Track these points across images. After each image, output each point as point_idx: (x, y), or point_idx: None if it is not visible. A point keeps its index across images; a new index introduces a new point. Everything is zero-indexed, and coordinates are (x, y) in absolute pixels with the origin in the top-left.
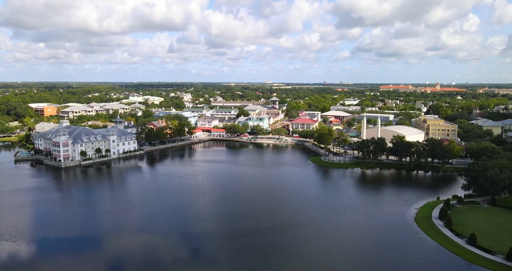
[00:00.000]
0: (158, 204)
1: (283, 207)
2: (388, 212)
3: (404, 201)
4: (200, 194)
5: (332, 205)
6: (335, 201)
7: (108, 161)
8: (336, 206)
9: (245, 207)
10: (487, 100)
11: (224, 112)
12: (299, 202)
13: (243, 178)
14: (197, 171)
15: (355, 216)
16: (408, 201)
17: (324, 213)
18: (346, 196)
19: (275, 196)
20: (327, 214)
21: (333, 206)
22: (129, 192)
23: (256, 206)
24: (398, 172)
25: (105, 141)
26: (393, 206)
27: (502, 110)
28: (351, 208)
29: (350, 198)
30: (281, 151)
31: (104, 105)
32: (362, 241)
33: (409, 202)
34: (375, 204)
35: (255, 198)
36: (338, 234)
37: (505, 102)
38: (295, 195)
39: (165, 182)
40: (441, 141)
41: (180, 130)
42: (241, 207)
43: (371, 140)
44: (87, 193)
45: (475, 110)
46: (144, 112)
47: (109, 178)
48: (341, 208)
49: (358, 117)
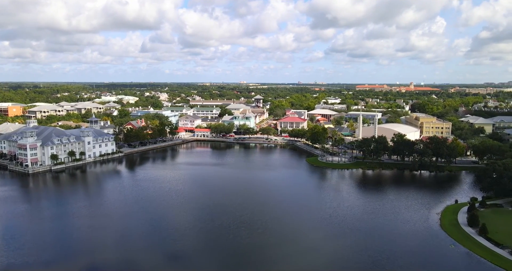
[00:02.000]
0: (139, 217)
1: (286, 217)
2: (408, 218)
3: (421, 204)
4: (186, 203)
5: (345, 211)
6: (347, 206)
7: (83, 165)
8: (351, 212)
9: (239, 217)
10: (465, 99)
11: (205, 112)
12: (304, 209)
13: (235, 183)
14: (182, 175)
15: (375, 223)
16: (426, 205)
17: (339, 221)
18: (358, 200)
19: (273, 204)
20: (343, 222)
21: (347, 213)
22: (107, 203)
23: (252, 216)
24: (401, 173)
25: (79, 142)
26: (412, 211)
27: (483, 108)
28: (368, 214)
29: (364, 203)
30: (272, 151)
31: (76, 105)
32: (393, 254)
33: (426, 206)
34: (392, 209)
35: (251, 206)
36: (365, 244)
37: (481, 101)
38: (298, 200)
39: (147, 189)
40: (445, 139)
41: (162, 130)
42: (234, 217)
43: (372, 138)
44: (59, 204)
45: (461, 108)
46: (120, 112)
47: (85, 185)
48: (357, 214)
49: (346, 116)
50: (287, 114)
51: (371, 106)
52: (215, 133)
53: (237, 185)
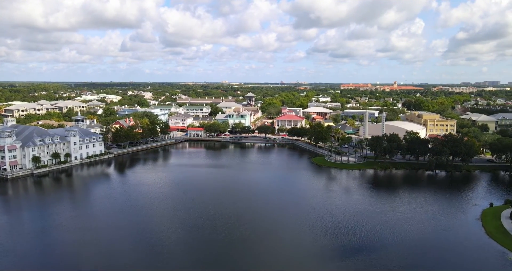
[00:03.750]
0: (130, 230)
1: (318, 228)
2: (448, 225)
3: (455, 208)
4: (182, 213)
5: (379, 217)
6: (378, 212)
7: (68, 168)
8: (385, 221)
9: (250, 232)
10: (455, 97)
11: (195, 110)
12: (329, 216)
13: (239, 187)
14: (177, 179)
15: (415, 233)
16: (459, 209)
17: (380, 229)
18: (386, 204)
19: (292, 213)
20: (382, 228)
21: (382, 219)
22: (96, 212)
23: (268, 226)
24: (416, 173)
25: (64, 143)
26: (448, 217)
27: (473, 105)
28: (402, 219)
29: (393, 208)
30: (272, 151)
31: (56, 103)
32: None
33: (460, 210)
34: (425, 214)
35: (262, 216)
36: (417, 259)
37: (469, 99)
38: (320, 206)
39: (139, 195)
40: (462, 137)
41: (153, 129)
42: (241, 232)
43: (384, 137)
44: (43, 215)
45: (457, 105)
46: (105, 110)
47: (71, 192)
48: (391, 222)
49: (342, 114)
50: (283, 113)
51: (365, 104)
52: (209, 133)
53: (242, 190)
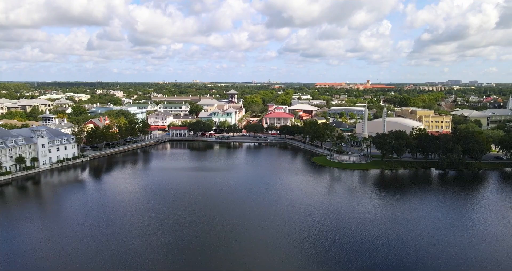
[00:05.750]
0: (110, 255)
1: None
2: (494, 231)
3: (491, 212)
4: (172, 232)
5: (419, 225)
6: (413, 217)
7: (36, 175)
8: (425, 225)
9: (251, 258)
10: (432, 94)
11: (174, 108)
12: (368, 230)
13: (238, 195)
14: (162, 186)
15: (463, 239)
16: (497, 213)
17: (425, 239)
18: (419, 209)
19: (314, 225)
20: (427, 238)
21: (421, 227)
22: (72, 232)
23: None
24: (428, 172)
25: (31, 145)
26: (494, 225)
27: (453, 103)
28: (444, 226)
29: (428, 211)
30: (265, 151)
31: (18, 102)
32: None
33: (499, 214)
34: (466, 221)
35: (271, 230)
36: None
37: (444, 96)
38: (340, 213)
39: (120, 207)
40: (473, 132)
41: (132, 129)
42: (241, 258)
43: (391, 134)
44: (7, 237)
45: (442, 102)
46: (75, 109)
47: (40, 204)
48: (432, 226)
49: (329, 111)
50: (270, 110)
51: (350, 102)
52: (193, 132)
53: (241, 198)
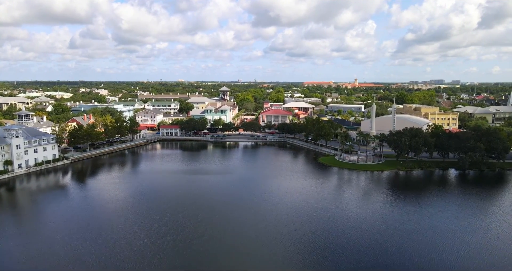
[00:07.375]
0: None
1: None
2: None
3: None
4: (159, 244)
5: (469, 237)
6: (465, 230)
7: (10, 180)
8: (477, 238)
9: None
10: (422, 92)
11: (163, 106)
12: (409, 247)
13: (238, 198)
14: (156, 194)
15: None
16: None
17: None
18: (462, 219)
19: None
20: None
21: (471, 240)
22: (48, 243)
23: None
24: (448, 173)
25: (4, 146)
26: None
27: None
28: (497, 239)
29: (474, 221)
30: (265, 151)
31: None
32: None
33: None
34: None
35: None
36: None
37: (434, 94)
38: (379, 226)
39: (106, 216)
40: (495, 129)
41: (120, 128)
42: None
43: (407, 132)
44: None
45: (440, 99)
46: (56, 107)
47: (14, 215)
48: (484, 239)
49: (326, 109)
50: (266, 107)
51: (346, 99)
52: (186, 131)
53: (250, 205)
